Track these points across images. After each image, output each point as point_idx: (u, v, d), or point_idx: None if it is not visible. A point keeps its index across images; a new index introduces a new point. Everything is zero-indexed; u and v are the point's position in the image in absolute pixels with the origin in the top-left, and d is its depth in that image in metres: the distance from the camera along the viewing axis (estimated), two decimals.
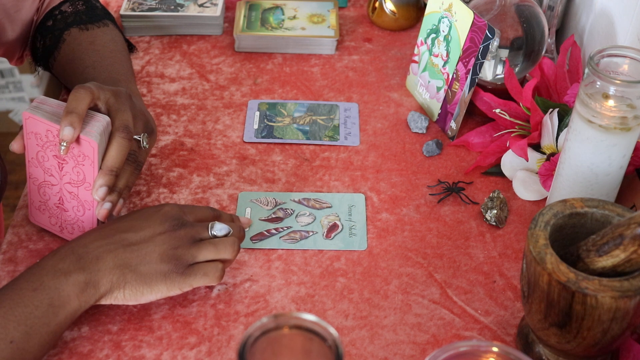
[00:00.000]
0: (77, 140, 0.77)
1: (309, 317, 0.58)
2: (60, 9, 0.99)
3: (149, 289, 0.75)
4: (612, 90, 0.74)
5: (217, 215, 0.83)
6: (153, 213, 0.78)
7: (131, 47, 1.07)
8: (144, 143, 0.84)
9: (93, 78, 0.90)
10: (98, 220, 0.82)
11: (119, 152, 0.79)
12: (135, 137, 0.82)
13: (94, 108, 0.80)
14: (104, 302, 0.75)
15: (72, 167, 0.80)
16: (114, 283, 0.74)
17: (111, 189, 0.80)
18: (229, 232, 0.80)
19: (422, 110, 1.08)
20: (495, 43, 0.95)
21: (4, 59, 1.09)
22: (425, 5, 1.08)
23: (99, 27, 0.98)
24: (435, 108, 1.04)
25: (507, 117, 0.96)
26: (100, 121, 0.78)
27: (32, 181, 0.83)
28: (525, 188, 0.94)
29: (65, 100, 0.78)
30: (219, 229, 0.79)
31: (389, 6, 1.20)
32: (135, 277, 0.75)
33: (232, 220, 0.84)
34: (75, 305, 0.73)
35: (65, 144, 0.76)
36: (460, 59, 0.99)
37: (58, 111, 0.79)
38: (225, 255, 0.78)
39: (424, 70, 1.07)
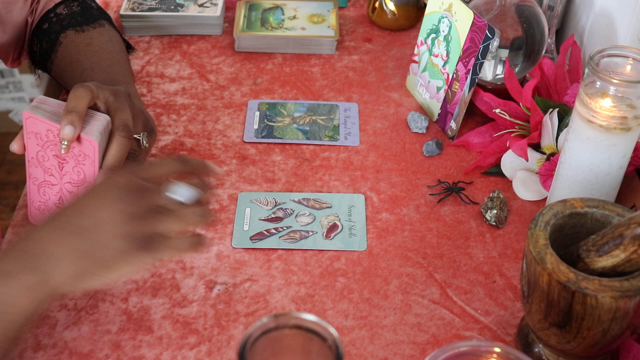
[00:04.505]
0: (78, 139, 0.77)
1: (309, 317, 0.58)
2: (55, 12, 0.99)
3: (112, 271, 0.68)
4: (612, 90, 0.74)
5: (185, 169, 0.73)
6: (103, 189, 0.70)
7: (129, 47, 1.07)
8: (144, 142, 0.83)
9: (91, 80, 0.90)
10: None
11: (119, 151, 0.79)
12: (135, 136, 0.81)
13: (94, 107, 0.79)
14: (65, 292, 0.69)
15: (72, 166, 0.80)
16: (69, 274, 0.67)
17: None
18: (193, 197, 0.69)
19: (422, 110, 1.08)
20: (495, 43, 0.95)
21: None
22: (425, 5, 1.08)
23: (95, 27, 0.98)
24: (435, 108, 1.04)
25: (507, 117, 0.96)
26: (101, 120, 0.78)
27: (32, 181, 0.83)
28: (525, 188, 0.94)
29: (65, 100, 0.78)
30: (179, 193, 0.69)
31: (389, 6, 1.20)
32: (93, 263, 0.67)
33: (203, 170, 0.75)
34: (26, 308, 0.67)
35: (66, 143, 0.76)
36: (460, 59, 0.99)
37: (58, 110, 0.79)
38: (192, 224, 0.69)
39: (424, 70, 1.07)
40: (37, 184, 0.83)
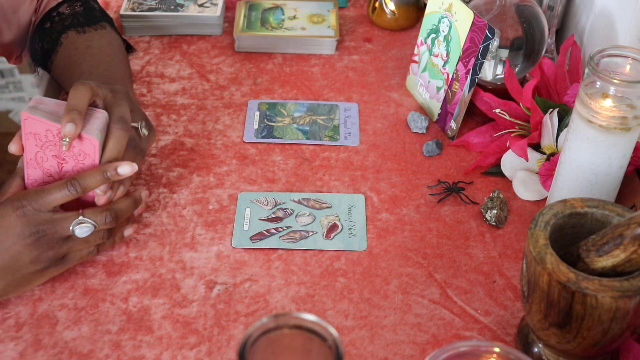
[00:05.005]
0: (79, 137, 0.77)
1: (309, 317, 0.58)
2: (58, 10, 0.99)
3: (28, 287, 0.80)
4: (612, 90, 0.74)
5: (81, 188, 0.78)
6: (7, 228, 0.75)
7: (130, 48, 1.07)
8: (142, 129, 0.84)
9: None
10: None
11: (117, 143, 0.79)
12: (133, 124, 0.82)
13: (93, 104, 0.80)
14: None
15: (72, 166, 0.80)
16: None
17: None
18: (94, 228, 0.78)
19: (422, 110, 1.08)
20: (495, 43, 0.95)
21: (3, 59, 1.09)
22: (425, 5, 1.08)
23: (96, 29, 0.98)
24: (435, 108, 1.04)
25: (507, 117, 0.96)
26: (100, 118, 0.78)
27: (31, 182, 0.83)
28: (525, 188, 0.94)
29: (65, 99, 0.78)
30: (81, 232, 0.78)
31: (389, 6, 1.20)
32: (8, 286, 0.77)
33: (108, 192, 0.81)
34: None
35: (67, 140, 0.76)
36: (460, 59, 0.99)
37: (57, 110, 0.79)
38: (97, 244, 0.81)
39: (424, 70, 1.07)
40: (35, 185, 0.82)
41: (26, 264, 0.76)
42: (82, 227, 0.78)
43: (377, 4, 1.21)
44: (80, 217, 0.77)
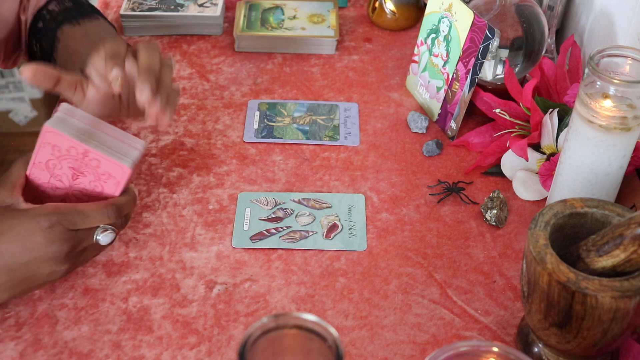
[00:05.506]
0: (107, 161, 0.76)
1: (309, 317, 0.58)
2: (47, 9, 0.98)
3: (42, 287, 0.80)
4: (612, 90, 0.74)
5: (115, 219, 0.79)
6: (31, 244, 0.74)
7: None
8: (172, 62, 0.84)
9: None
10: None
11: (150, 54, 0.80)
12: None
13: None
14: None
15: (89, 180, 0.78)
16: (4, 300, 0.77)
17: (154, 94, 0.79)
18: (115, 233, 0.79)
19: (422, 110, 1.08)
20: (495, 43, 0.95)
21: None
22: (425, 5, 1.08)
23: (90, 20, 0.97)
24: (435, 108, 1.04)
25: (507, 117, 0.96)
26: (139, 149, 0.77)
27: (32, 179, 0.79)
28: (525, 188, 0.94)
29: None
30: (105, 239, 0.78)
31: (389, 6, 1.20)
32: (25, 287, 0.77)
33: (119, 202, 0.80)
34: None
35: (118, 81, 0.77)
36: (460, 59, 0.99)
37: (87, 128, 0.76)
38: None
39: (424, 70, 1.07)
40: (37, 182, 0.80)
41: (43, 276, 0.76)
42: (107, 235, 0.78)
43: (377, 4, 1.21)
44: (102, 225, 0.77)
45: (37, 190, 0.80)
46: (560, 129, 0.91)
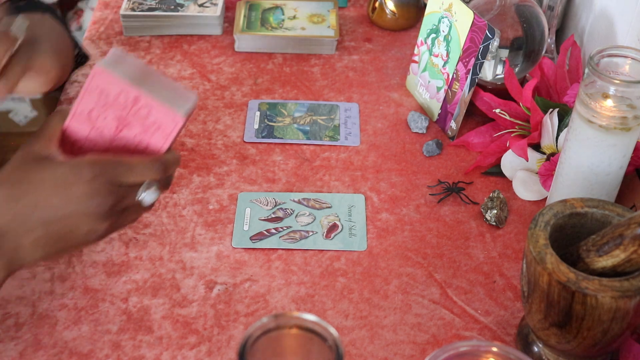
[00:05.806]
0: (161, 107, 0.69)
1: (309, 317, 0.58)
2: None
3: (80, 248, 0.76)
4: (612, 90, 0.74)
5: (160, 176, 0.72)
6: (71, 183, 0.68)
7: (84, 57, 0.99)
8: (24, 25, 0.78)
9: None
10: None
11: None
12: None
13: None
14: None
15: (134, 134, 0.71)
16: (38, 258, 0.70)
17: None
18: (159, 192, 0.72)
19: (422, 110, 1.08)
20: (495, 43, 0.95)
21: None
22: (425, 5, 1.08)
23: (40, 16, 0.87)
24: (435, 108, 1.04)
25: (507, 117, 0.96)
26: (192, 100, 0.71)
27: (70, 133, 0.71)
28: (525, 188, 0.94)
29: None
30: (148, 200, 0.71)
31: (389, 6, 1.20)
32: (62, 246, 0.70)
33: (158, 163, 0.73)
34: None
35: None
36: (460, 59, 0.99)
37: (139, 74, 0.69)
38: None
39: (424, 70, 1.07)
40: (74, 137, 0.71)
41: (81, 234, 0.70)
42: (151, 193, 0.71)
43: (377, 4, 1.21)
44: (146, 182, 0.71)
45: (72, 146, 0.73)
46: (560, 129, 0.91)
